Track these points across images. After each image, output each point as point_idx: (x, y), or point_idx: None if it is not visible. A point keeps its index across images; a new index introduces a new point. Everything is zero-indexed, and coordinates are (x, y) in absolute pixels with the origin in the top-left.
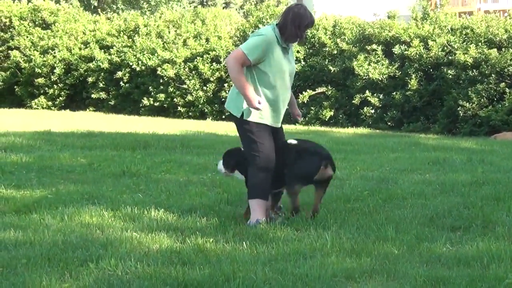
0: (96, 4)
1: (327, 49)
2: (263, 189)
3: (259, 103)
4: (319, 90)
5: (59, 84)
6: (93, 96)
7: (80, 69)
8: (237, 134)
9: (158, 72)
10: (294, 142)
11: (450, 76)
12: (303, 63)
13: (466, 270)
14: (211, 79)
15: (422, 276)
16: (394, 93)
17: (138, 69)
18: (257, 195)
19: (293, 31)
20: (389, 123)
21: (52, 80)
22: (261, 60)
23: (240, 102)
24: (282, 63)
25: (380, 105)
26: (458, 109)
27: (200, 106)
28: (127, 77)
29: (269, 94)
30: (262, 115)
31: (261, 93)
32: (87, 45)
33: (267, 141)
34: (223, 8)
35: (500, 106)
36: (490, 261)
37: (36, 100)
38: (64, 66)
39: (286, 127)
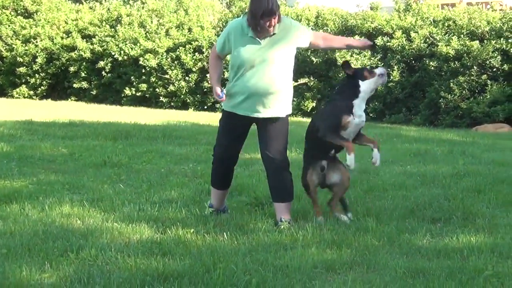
0: None
1: None
2: (213, 178)
3: (217, 94)
4: (301, 81)
5: (40, 74)
6: (75, 85)
7: (62, 59)
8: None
9: (140, 62)
10: None
11: (432, 68)
12: None
13: (446, 262)
14: (194, 69)
15: (402, 267)
16: None
17: (120, 58)
18: (211, 182)
19: (251, 21)
20: (371, 115)
21: (33, 69)
22: (229, 51)
23: None
24: (245, 53)
25: None
26: (440, 100)
27: (182, 96)
28: (109, 66)
29: (236, 84)
30: (228, 104)
31: (232, 82)
32: (69, 35)
33: (226, 136)
34: None
35: (481, 98)
36: (470, 253)
37: (17, 89)
38: (46, 56)
39: None
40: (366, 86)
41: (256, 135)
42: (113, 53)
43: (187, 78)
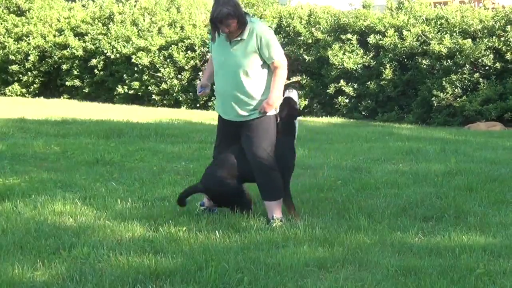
0: None
1: (302, 38)
2: None
3: (201, 87)
4: (294, 79)
5: (33, 71)
6: (67, 83)
7: (55, 57)
8: (212, 123)
9: (133, 60)
10: None
11: (425, 66)
12: None
13: (438, 260)
14: (186, 67)
15: (394, 265)
16: (369, 82)
17: (112, 56)
18: None
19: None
20: (363, 113)
21: (26, 67)
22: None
23: None
24: (219, 54)
25: (355, 95)
26: (432, 99)
27: (174, 94)
28: (101, 64)
29: (215, 84)
30: (216, 106)
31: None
32: (62, 33)
33: (218, 137)
34: None
35: (474, 96)
36: (462, 251)
37: (10, 87)
38: (39, 53)
39: None
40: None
41: None
42: (105, 51)
43: (179, 76)
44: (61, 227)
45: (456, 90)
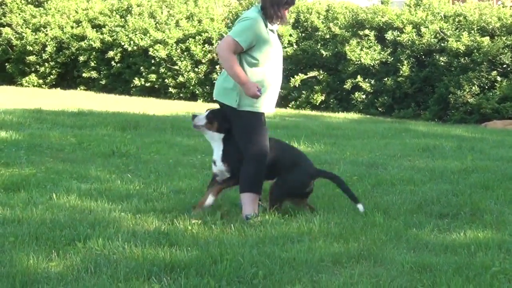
0: None
1: (319, 33)
2: (259, 181)
3: (258, 90)
4: (311, 74)
5: (50, 62)
6: (84, 75)
7: (72, 48)
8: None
9: (150, 52)
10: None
11: (442, 63)
12: (295, 46)
13: (453, 257)
14: (203, 60)
15: (409, 262)
16: (386, 79)
17: (129, 49)
18: (254, 189)
19: (272, 12)
20: (380, 109)
21: (43, 58)
22: (252, 45)
23: (234, 91)
24: (272, 46)
25: (372, 91)
26: (449, 96)
27: (191, 87)
28: (118, 56)
29: (262, 80)
30: (257, 103)
31: (253, 79)
32: (79, 24)
33: (261, 132)
34: None
35: (491, 94)
36: (477, 249)
37: (27, 78)
38: (56, 45)
39: (277, 111)
40: None
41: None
42: (122, 43)
43: (196, 69)
44: (76, 218)
45: (473, 87)
